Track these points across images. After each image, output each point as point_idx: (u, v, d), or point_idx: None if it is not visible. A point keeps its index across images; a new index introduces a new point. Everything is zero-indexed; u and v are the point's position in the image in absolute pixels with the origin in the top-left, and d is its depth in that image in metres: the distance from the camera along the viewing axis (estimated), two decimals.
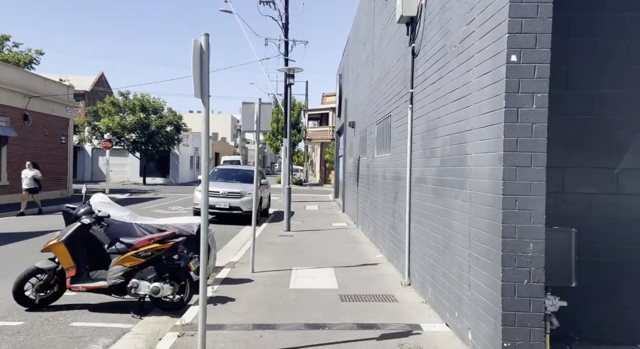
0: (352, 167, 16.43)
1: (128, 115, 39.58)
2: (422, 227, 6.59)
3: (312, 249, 10.76)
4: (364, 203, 13.14)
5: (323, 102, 50.75)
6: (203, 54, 4.22)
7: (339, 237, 12.59)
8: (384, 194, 9.82)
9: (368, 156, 12.39)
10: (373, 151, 11.52)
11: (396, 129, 8.65)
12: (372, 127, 11.84)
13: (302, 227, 14.55)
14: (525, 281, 3.86)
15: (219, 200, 15.50)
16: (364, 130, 13.48)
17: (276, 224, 15.33)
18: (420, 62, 6.96)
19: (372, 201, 11.40)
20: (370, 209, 11.70)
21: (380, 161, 10.42)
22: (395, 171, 8.60)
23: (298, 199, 26.13)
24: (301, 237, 12.46)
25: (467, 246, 4.71)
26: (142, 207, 20.17)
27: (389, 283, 7.58)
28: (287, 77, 13.83)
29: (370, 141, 12.13)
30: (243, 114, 8.16)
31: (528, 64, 3.85)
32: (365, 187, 12.84)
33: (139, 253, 5.89)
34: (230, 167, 18.93)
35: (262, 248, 10.64)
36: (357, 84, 15.41)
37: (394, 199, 8.72)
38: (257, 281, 7.63)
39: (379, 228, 10.39)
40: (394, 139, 8.84)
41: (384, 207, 9.70)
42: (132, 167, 44.13)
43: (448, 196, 5.42)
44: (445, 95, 5.64)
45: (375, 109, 11.34)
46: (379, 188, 10.50)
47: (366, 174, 12.61)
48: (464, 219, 4.82)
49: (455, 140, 5.21)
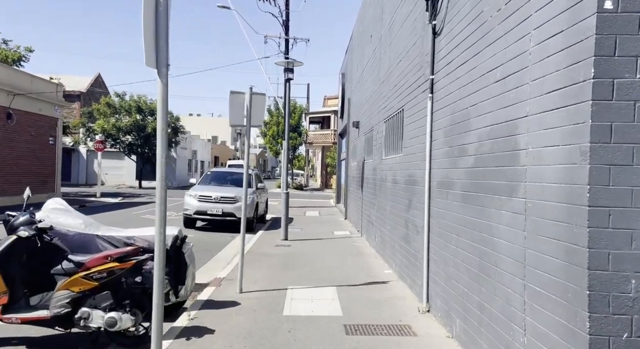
0: (356, 170, 15.20)
1: (124, 116, 38.43)
2: (447, 242, 5.35)
3: (311, 262, 9.51)
4: (369, 210, 11.89)
5: (324, 105, 49.58)
6: (159, 5, 3.00)
7: (341, 248, 11.34)
8: (393, 200, 8.59)
9: (374, 158, 11.16)
10: (380, 152, 10.29)
11: (410, 125, 7.42)
12: (379, 126, 10.61)
13: (301, 236, 13.30)
14: (625, 335, 2.61)
15: (212, 206, 14.26)
16: (370, 130, 12.26)
17: (273, 232, 14.09)
18: (443, 41, 5.73)
19: (380, 208, 10.16)
20: (377, 217, 10.46)
21: (389, 163, 9.19)
22: (409, 174, 7.36)
23: (298, 204, 24.89)
24: (300, 248, 11.21)
25: (521, 275, 3.47)
26: (132, 212, 18.94)
27: (403, 308, 6.32)
28: (286, 72, 12.63)
29: (377, 142, 10.91)
30: (231, 105, 6.94)
31: (631, 13, 2.63)
32: (370, 193, 11.61)
33: (91, 275, 4.65)
34: (225, 170, 17.71)
35: (254, 261, 9.39)
36: (362, 81, 14.20)
37: (406, 207, 7.47)
38: (245, 304, 6.38)
39: (387, 239, 9.15)
40: (407, 138, 7.61)
41: (394, 215, 8.45)
42: (128, 170, 42.94)
43: (486, 205, 4.19)
44: (481, 76, 4.41)
45: (383, 106, 10.11)
46: (387, 194, 9.26)
47: (372, 178, 11.38)
48: (515, 238, 3.58)
49: (498, 132, 3.98)
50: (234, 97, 6.97)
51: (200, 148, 54.57)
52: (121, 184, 42.93)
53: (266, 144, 49.00)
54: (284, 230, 12.60)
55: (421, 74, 6.75)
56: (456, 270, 4.98)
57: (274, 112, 46.42)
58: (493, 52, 4.14)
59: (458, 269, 4.92)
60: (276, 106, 46.64)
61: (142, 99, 39.29)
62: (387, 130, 9.64)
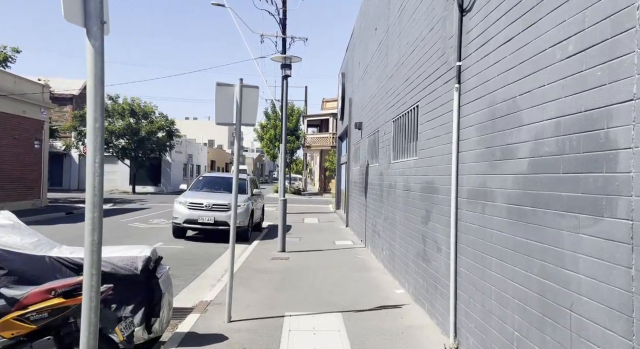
0: (359, 175, 14.13)
1: (117, 120, 37.34)
2: (484, 267, 4.27)
3: (312, 279, 8.42)
4: (374, 219, 10.82)
5: (323, 108, 48.58)
6: None
7: (344, 261, 10.25)
8: (406, 210, 7.52)
9: (381, 162, 10.10)
10: (388, 155, 9.23)
11: (428, 123, 6.35)
12: (386, 126, 9.56)
13: (299, 247, 12.22)
14: None
15: (203, 213, 13.16)
16: (374, 131, 11.20)
17: (269, 242, 13.00)
18: (476, 19, 4.68)
19: (388, 218, 9.08)
20: (385, 228, 9.38)
21: (399, 168, 8.12)
22: (427, 181, 6.29)
23: (296, 210, 23.80)
24: (298, 261, 10.12)
25: (624, 332, 2.39)
26: (120, 220, 17.83)
27: (425, 344, 5.24)
28: (284, 69, 11.58)
29: (383, 144, 9.85)
30: (218, 100, 5.85)
31: None
32: (376, 200, 10.54)
33: (27, 315, 3.56)
34: (218, 175, 16.60)
35: (247, 278, 8.31)
36: (365, 78, 13.16)
37: (424, 219, 6.40)
38: (234, 338, 5.29)
39: (397, 254, 8.07)
40: (424, 138, 6.54)
41: (407, 227, 7.38)
42: (121, 175, 41.77)
43: (551, 225, 3.12)
44: (539, 54, 3.35)
45: (391, 104, 9.06)
46: (397, 202, 8.20)
47: (378, 184, 10.31)
48: (610, 275, 2.51)
49: (573, 126, 2.91)
50: (221, 91, 5.89)
51: (196, 152, 53.47)
52: (114, 189, 41.76)
53: (263, 148, 47.87)
54: (281, 240, 11.52)
55: (443, 62, 5.69)
56: (501, 305, 3.90)
57: (271, 115, 45.32)
58: (561, 18, 3.08)
59: (504, 305, 3.84)
60: (273, 109, 45.57)
61: (136, 102, 38.21)
62: (397, 130, 8.58)
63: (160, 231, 14.96)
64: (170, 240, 13.30)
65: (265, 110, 46.00)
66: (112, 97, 38.28)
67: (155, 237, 13.71)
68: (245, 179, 15.43)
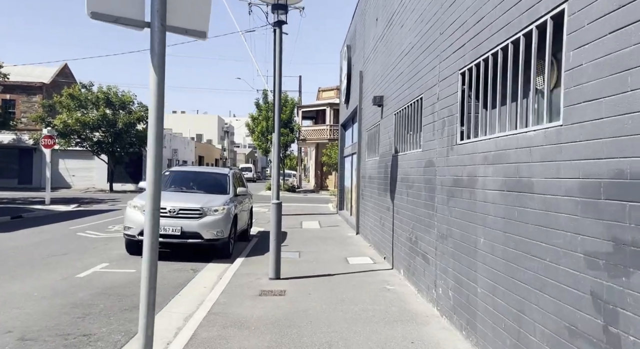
0: (377, 169, 10.56)
1: (91, 110, 33.43)
2: None
3: (323, 343, 4.84)
4: (414, 232, 7.26)
5: (319, 98, 44.90)
6: None
7: (371, 300, 6.67)
8: (507, 229, 3.96)
9: (429, 146, 6.52)
10: (450, 132, 5.66)
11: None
12: (444, 85, 5.98)
13: (299, 268, 8.63)
14: None
15: (166, 222, 9.51)
16: (410, 102, 7.64)
17: (258, 260, 9.39)
18: None
19: (453, 237, 5.51)
20: (445, 252, 5.81)
21: (485, 150, 4.55)
22: (592, 172, 2.71)
23: (291, 210, 20.20)
24: (300, 300, 6.53)
25: None
26: (70, 227, 14.11)
27: None
28: (276, 11, 7.94)
29: (438, 115, 6.27)
30: None
31: None
32: (417, 204, 6.97)
33: None
34: (191, 170, 12.84)
35: (217, 342, 4.71)
36: (388, 35, 9.58)
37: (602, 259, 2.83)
38: None
39: (489, 304, 4.51)
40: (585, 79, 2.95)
41: (518, 263, 3.81)
42: (98, 172, 37.94)
43: None
44: None
45: (454, 45, 5.49)
46: (476, 210, 4.64)
47: (423, 178, 6.73)
48: None
49: None
50: None
51: (182, 147, 49.65)
52: (91, 187, 37.96)
53: (254, 142, 44.10)
54: (273, 263, 7.91)
55: None
56: None
57: (263, 106, 41.59)
58: None
59: None
60: (265, 99, 41.84)
61: (113, 91, 34.31)
62: (477, 84, 5.00)
63: (113, 243, 11.30)
64: (121, 258, 9.65)
65: (257, 101, 42.27)
66: (86, 86, 34.39)
67: (102, 253, 10.05)
68: (225, 174, 11.78)
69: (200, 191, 11.11)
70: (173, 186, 11.33)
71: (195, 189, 11.25)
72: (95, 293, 6.92)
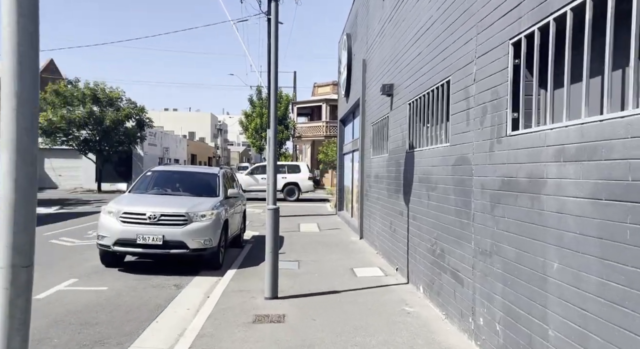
0: (385, 167, 9.37)
1: (77, 107, 31.98)
2: None
3: None
4: (438, 242, 6.07)
5: (314, 94, 43.64)
6: None
7: (388, 328, 5.45)
8: (605, 253, 2.78)
9: (454, 141, 5.32)
10: (480, 124, 4.47)
11: None
12: (484, 62, 4.78)
13: (299, 283, 7.41)
14: None
15: (145, 230, 8.26)
16: (431, 87, 6.44)
17: (252, 272, 8.17)
18: None
19: (499, 254, 4.31)
20: (485, 271, 4.62)
21: (532, 145, 3.35)
22: None
23: (288, 211, 18.97)
24: (303, 331, 5.31)
25: None
26: (44, 233, 12.81)
27: None
28: None
29: (464, 105, 5.07)
30: None
31: None
32: (445, 210, 5.77)
33: None
34: (176, 169, 11.51)
35: None
36: (402, 11, 8.37)
37: None
38: None
39: (557, 345, 3.32)
40: None
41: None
42: (86, 171, 36.54)
43: None
44: None
45: (502, 8, 4.29)
46: (544, 222, 3.45)
47: (449, 179, 5.54)
48: None
49: None
50: None
51: (174, 145, 48.23)
52: (78, 187, 36.52)
53: (248, 139, 42.77)
54: (270, 280, 6.69)
55: None
56: None
57: (257, 102, 40.31)
58: None
59: None
60: (259, 95, 40.55)
61: (100, 87, 32.84)
62: (543, 54, 3.79)
63: (90, 252, 10.02)
64: (94, 271, 8.41)
65: (250, 97, 41.00)
66: (72, 82, 32.95)
67: (74, 265, 8.80)
68: (215, 174, 10.52)
69: (187, 193, 9.86)
70: (156, 188, 10.06)
71: (181, 192, 10.00)
72: (51, 322, 5.67)
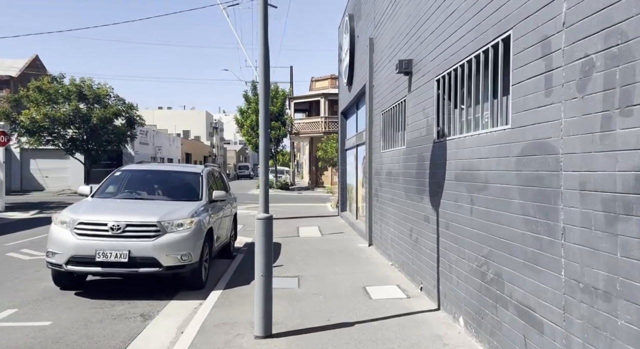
0: (401, 162, 7.73)
1: (62, 104, 30.22)
2: None
3: None
4: (487, 260, 4.44)
5: (312, 89, 41.94)
6: None
7: None
8: None
9: (519, 122, 3.68)
10: (578, 91, 2.83)
11: None
12: (564, 5, 3.12)
13: (300, 310, 5.74)
14: None
15: (106, 244, 6.57)
16: (466, 57, 4.79)
17: (241, 294, 6.50)
18: None
19: None
20: (620, 320, 2.98)
21: None
22: None
23: (286, 212, 17.32)
24: None
25: None
26: (5, 243, 11.14)
27: None
28: None
29: (540, 67, 3.42)
30: None
31: None
32: (526, 223, 4.14)
33: None
34: (152, 169, 9.74)
35: None
36: None
37: None
38: None
39: None
40: None
41: None
42: (74, 172, 34.76)
43: None
44: None
45: None
46: None
47: (510, 177, 3.90)
48: None
49: None
50: None
51: (167, 144, 46.51)
52: (66, 189, 34.77)
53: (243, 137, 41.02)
54: (261, 314, 5.04)
55: None
56: None
57: (252, 98, 38.55)
58: None
59: None
60: (254, 91, 38.81)
61: (87, 83, 31.06)
62: None
63: (45, 270, 8.29)
64: (43, 297, 6.74)
65: (245, 92, 39.20)
66: (56, 78, 31.19)
67: (22, 287, 7.12)
68: (198, 173, 8.82)
69: (164, 197, 8.22)
70: (127, 191, 8.41)
71: (157, 195, 8.35)
72: None
